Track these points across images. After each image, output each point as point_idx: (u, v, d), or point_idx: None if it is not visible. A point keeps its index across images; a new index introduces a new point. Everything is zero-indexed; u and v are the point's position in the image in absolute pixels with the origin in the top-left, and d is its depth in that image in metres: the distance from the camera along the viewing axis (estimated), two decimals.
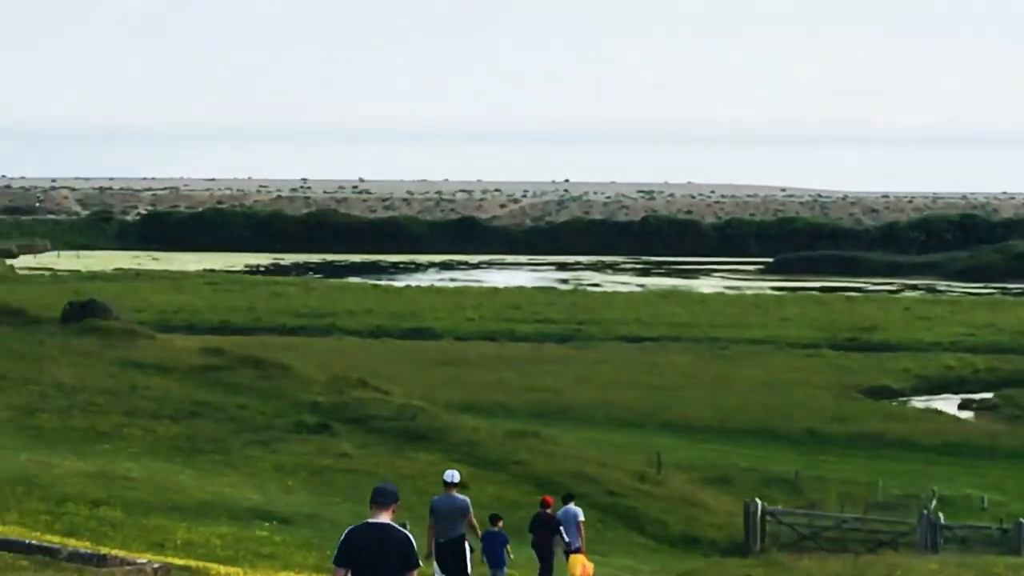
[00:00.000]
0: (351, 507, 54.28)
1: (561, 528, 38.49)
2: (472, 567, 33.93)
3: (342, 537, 18.08)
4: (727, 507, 60.84)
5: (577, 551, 38.51)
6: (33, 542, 36.12)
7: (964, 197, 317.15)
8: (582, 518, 39.43)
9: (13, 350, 79.14)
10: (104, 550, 35.94)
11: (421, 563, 18.60)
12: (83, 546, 36.72)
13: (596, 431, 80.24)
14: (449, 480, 33.83)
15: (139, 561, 33.65)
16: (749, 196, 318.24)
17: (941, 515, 52.11)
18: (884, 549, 47.85)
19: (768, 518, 52.87)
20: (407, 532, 18.21)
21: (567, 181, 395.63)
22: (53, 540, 37.33)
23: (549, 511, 39.39)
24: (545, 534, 38.77)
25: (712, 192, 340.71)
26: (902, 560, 39.35)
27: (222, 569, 35.32)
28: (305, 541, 45.72)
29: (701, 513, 61.27)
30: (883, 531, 52.81)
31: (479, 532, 34.26)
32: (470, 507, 33.57)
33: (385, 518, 18.12)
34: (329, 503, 55.35)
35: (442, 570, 32.39)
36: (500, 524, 37.41)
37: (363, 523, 18.21)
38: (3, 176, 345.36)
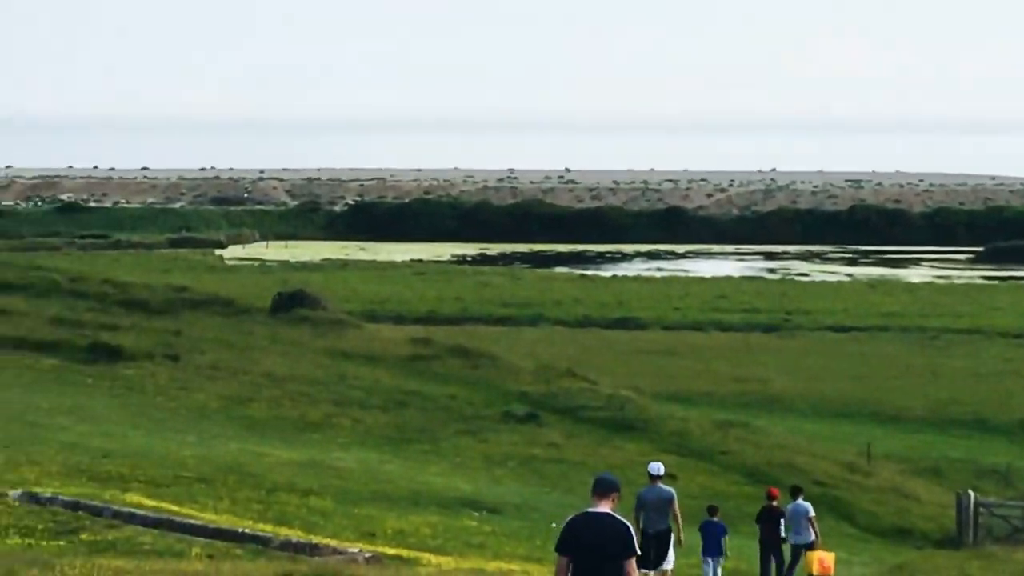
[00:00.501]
0: (560, 496, 54.31)
1: (781, 521, 38.31)
2: (676, 559, 33.85)
3: (564, 526, 18.21)
4: (938, 499, 60.19)
5: (811, 546, 38.24)
6: (246, 531, 36.48)
7: None
8: (812, 513, 39.06)
9: (224, 340, 79.98)
10: (315, 539, 36.23)
11: (639, 551, 18.54)
12: (295, 535, 37.04)
13: (804, 421, 79.71)
14: (655, 472, 33.89)
15: (350, 550, 33.86)
16: (958, 185, 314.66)
17: None
18: None
19: (981, 510, 52.12)
20: (626, 521, 18.40)
21: (774, 170, 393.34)
22: (265, 529, 37.70)
23: (775, 503, 39.27)
24: (772, 527, 38.73)
25: (921, 181, 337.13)
26: None
27: (433, 558, 35.47)
28: (514, 531, 45.79)
29: (912, 505, 60.70)
30: None
31: (680, 523, 33.99)
32: (675, 498, 33.56)
33: (605, 507, 18.31)
34: (538, 493, 55.37)
35: (641, 562, 32.22)
36: (718, 515, 37.52)
37: (583, 512, 18.34)
38: (212, 167, 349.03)
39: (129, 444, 52.98)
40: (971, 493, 53.06)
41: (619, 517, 18.57)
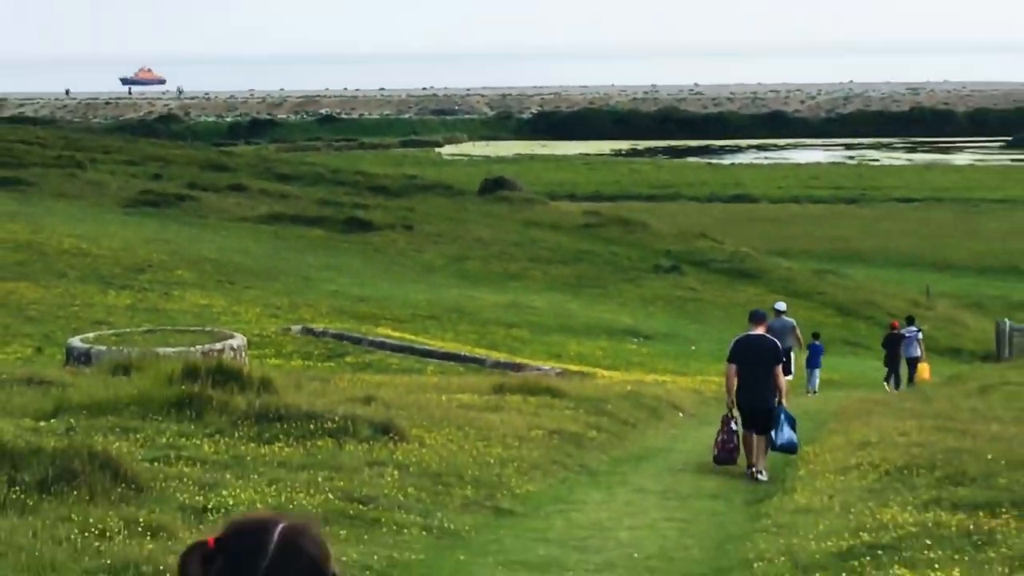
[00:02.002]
0: (698, 327, 54.26)
1: (904, 342, 38.99)
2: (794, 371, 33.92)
3: (732, 344, 20.21)
4: (981, 326, 59.38)
5: (919, 359, 39.36)
6: (466, 354, 36.73)
7: None
8: (921, 336, 40.05)
9: (444, 215, 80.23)
10: (518, 360, 36.41)
11: (783, 359, 20.94)
12: (502, 357, 37.24)
13: (879, 270, 78.89)
14: (780, 308, 35.57)
15: (544, 367, 33.99)
16: (993, 91, 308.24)
17: None
18: None
19: (1014, 333, 51.41)
20: (775, 340, 20.83)
21: (851, 81, 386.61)
22: (480, 352, 37.93)
23: (896, 332, 39.64)
24: (894, 349, 39.44)
25: (963, 87, 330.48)
26: None
27: (605, 372, 35.52)
28: (664, 352, 45.83)
29: (962, 330, 60.01)
30: None
31: (802, 343, 35.01)
32: (796, 326, 35.04)
33: (760, 330, 20.29)
34: (681, 324, 55.33)
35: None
36: (820, 339, 38.77)
37: (744, 334, 20.24)
38: (431, 87, 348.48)
39: (377, 291, 53.42)
40: (1007, 321, 52.34)
41: (770, 337, 20.73)
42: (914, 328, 40.27)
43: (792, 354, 33.18)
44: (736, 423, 19.98)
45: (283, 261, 59.55)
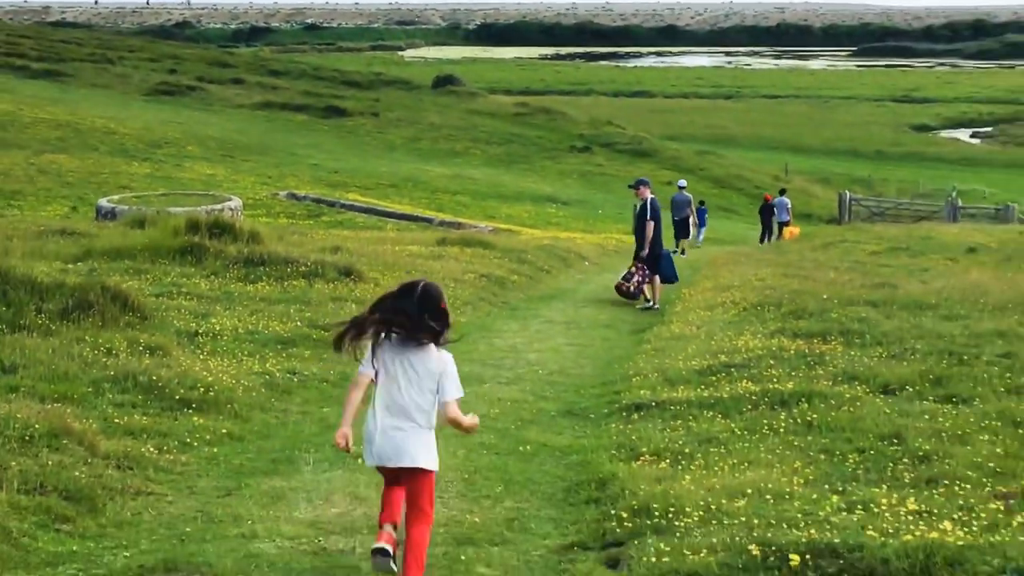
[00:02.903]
0: (604, 195, 54.08)
1: (775, 209, 38.74)
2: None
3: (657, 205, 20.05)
4: (827, 196, 59.55)
5: (787, 223, 39.08)
6: (418, 214, 36.49)
7: (976, 8, 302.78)
8: (789, 204, 39.79)
9: (404, 104, 79.50)
10: (459, 219, 36.21)
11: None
12: (447, 217, 37.03)
13: (748, 151, 78.83)
14: (681, 185, 34.89)
15: (480, 226, 33.82)
16: (844, 10, 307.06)
17: (960, 200, 50.43)
18: (923, 221, 46.41)
19: (853, 202, 51.57)
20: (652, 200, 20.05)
21: (731, 2, 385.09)
22: (429, 213, 37.71)
23: (769, 202, 39.92)
24: (768, 215, 39.34)
25: (820, 7, 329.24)
26: (935, 227, 38.15)
27: (528, 230, 35.41)
28: (576, 215, 45.70)
29: (812, 200, 60.05)
30: (923, 210, 51.17)
31: (694, 209, 34.57)
32: (692, 199, 34.43)
33: (646, 195, 19.85)
34: (590, 193, 55.15)
35: (677, 235, 32.34)
36: (704, 204, 38.46)
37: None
38: (396, 2, 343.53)
39: (349, 165, 52.96)
40: (847, 192, 52.48)
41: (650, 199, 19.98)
42: (785, 199, 40.28)
43: (690, 219, 33.26)
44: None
45: (273, 140, 58.90)
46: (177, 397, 10.35)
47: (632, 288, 19.90)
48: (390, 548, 6.52)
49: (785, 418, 9.75)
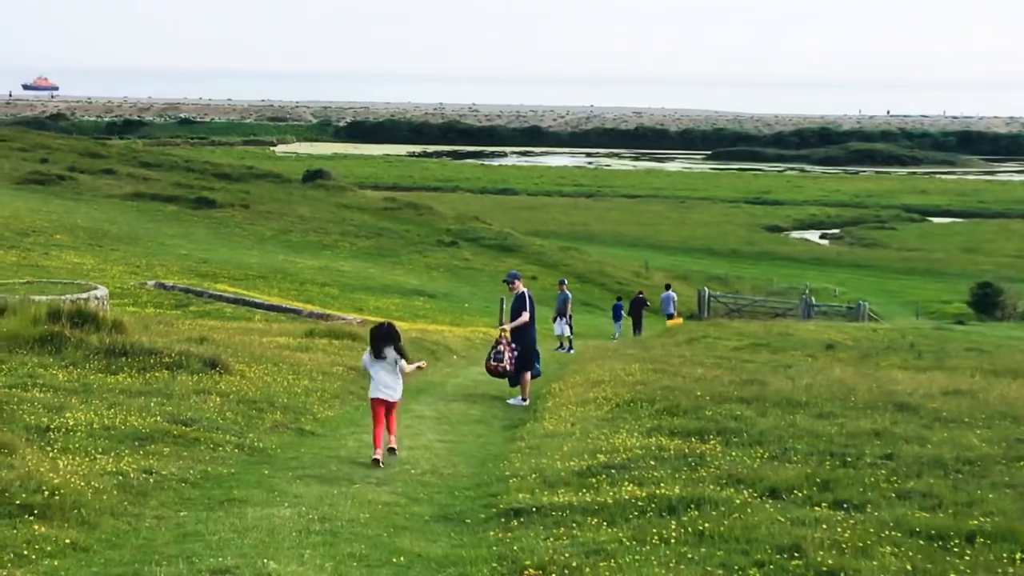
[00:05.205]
0: (471, 289, 53.47)
1: (662, 303, 38.80)
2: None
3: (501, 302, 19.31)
4: (687, 292, 59.69)
5: (671, 316, 39.00)
6: (286, 306, 35.37)
7: (822, 117, 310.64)
8: (676, 298, 39.73)
9: (274, 197, 78.31)
10: (328, 311, 35.16)
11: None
12: (315, 308, 35.97)
13: (609, 248, 79.10)
14: (563, 282, 32.40)
15: (348, 318, 32.84)
16: (698, 115, 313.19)
17: (812, 298, 50.83)
18: (779, 318, 46.57)
19: (711, 299, 51.69)
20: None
21: (592, 106, 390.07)
22: (298, 305, 36.61)
23: (642, 297, 40.57)
24: (638, 310, 39.93)
25: (676, 113, 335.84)
26: (792, 324, 38.16)
27: (396, 322, 34.47)
28: (444, 308, 44.93)
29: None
30: (778, 307, 51.54)
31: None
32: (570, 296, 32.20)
33: (519, 288, 19.36)
34: (457, 287, 54.48)
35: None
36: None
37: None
38: (268, 99, 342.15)
39: (218, 256, 51.59)
40: (706, 289, 52.60)
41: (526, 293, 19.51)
42: (672, 294, 40.34)
43: (570, 315, 32.14)
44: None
45: (143, 230, 57.27)
46: (18, 502, 9.17)
47: (507, 368, 19.01)
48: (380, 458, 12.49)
49: (676, 527, 8.91)
